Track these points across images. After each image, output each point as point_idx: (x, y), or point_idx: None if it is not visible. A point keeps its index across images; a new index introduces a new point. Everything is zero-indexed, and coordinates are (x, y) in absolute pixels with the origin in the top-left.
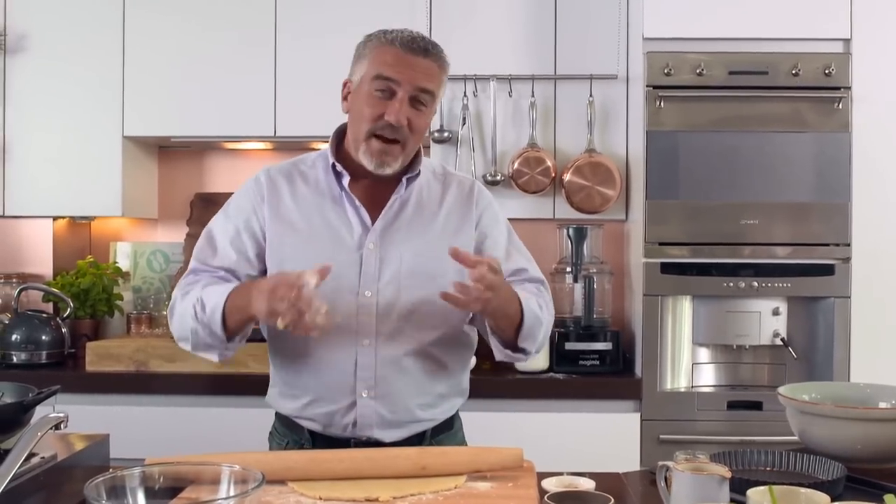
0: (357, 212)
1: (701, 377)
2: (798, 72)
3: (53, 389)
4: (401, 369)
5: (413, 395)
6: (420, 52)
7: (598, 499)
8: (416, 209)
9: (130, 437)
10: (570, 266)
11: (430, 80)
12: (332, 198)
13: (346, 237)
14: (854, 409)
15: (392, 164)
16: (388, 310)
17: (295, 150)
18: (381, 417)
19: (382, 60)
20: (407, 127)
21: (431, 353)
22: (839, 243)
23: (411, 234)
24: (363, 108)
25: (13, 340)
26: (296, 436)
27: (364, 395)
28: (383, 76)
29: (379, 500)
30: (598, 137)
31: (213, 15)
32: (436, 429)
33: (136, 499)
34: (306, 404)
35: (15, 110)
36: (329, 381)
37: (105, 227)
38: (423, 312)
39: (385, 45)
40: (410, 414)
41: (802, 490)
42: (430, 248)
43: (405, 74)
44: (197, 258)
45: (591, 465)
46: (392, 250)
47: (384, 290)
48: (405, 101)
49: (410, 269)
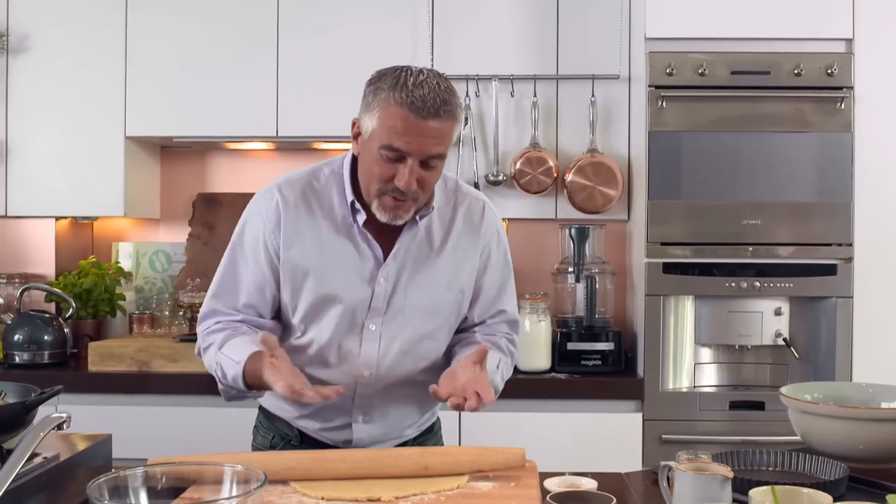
0: (370, 246)
1: (703, 377)
2: (800, 72)
3: (56, 389)
4: (396, 399)
5: (404, 417)
6: (431, 116)
7: (601, 499)
8: (427, 239)
9: (133, 437)
10: (572, 266)
11: (441, 144)
12: (346, 228)
13: (359, 270)
14: (856, 410)
15: (404, 216)
16: (391, 344)
17: (297, 150)
18: (372, 438)
19: (392, 127)
20: (418, 188)
21: (423, 381)
22: (841, 243)
23: (419, 269)
24: (373, 167)
25: (15, 340)
26: (284, 430)
27: (359, 420)
28: (392, 147)
29: (381, 499)
30: (600, 137)
31: (216, 15)
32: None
33: (139, 499)
34: (299, 417)
35: (17, 110)
36: (328, 405)
37: (107, 228)
38: (423, 347)
39: (392, 105)
40: (399, 433)
41: (805, 490)
42: (436, 284)
43: (414, 144)
44: (216, 296)
45: (593, 465)
46: (400, 285)
47: (388, 324)
48: (415, 167)
49: (415, 304)
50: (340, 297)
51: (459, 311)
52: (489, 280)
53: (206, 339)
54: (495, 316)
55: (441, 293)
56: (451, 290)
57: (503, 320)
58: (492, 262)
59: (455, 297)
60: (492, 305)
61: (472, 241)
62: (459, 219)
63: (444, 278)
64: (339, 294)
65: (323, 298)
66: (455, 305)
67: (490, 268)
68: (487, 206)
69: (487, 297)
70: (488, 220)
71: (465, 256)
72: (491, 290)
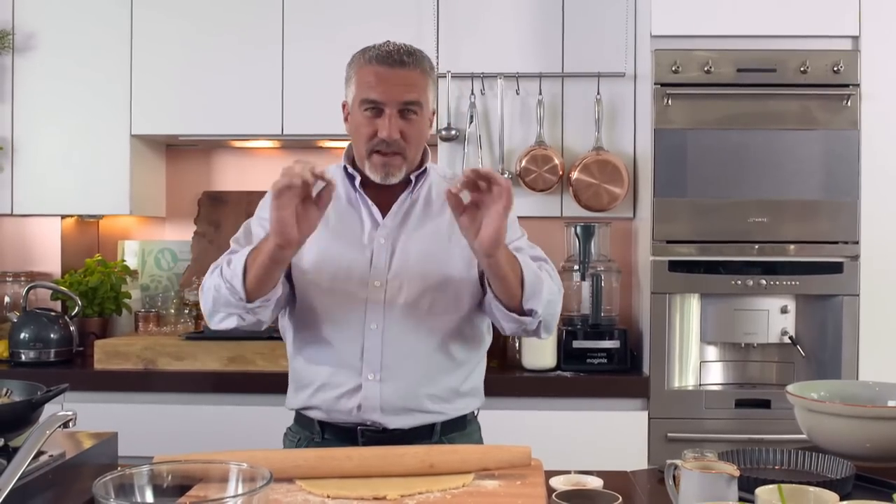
0: (369, 209)
1: (709, 375)
2: (806, 69)
3: (62, 388)
4: (407, 354)
5: (420, 382)
6: (397, 64)
7: (606, 497)
8: (425, 206)
9: (138, 435)
10: (577, 264)
11: (412, 91)
12: (348, 199)
13: (359, 233)
14: (863, 408)
15: (396, 173)
16: (396, 296)
17: (302, 148)
18: (385, 401)
19: (365, 83)
20: (401, 139)
21: (440, 343)
22: (848, 241)
23: (419, 229)
24: (359, 129)
25: (22, 339)
26: (307, 431)
27: (370, 377)
28: (368, 99)
29: (387, 498)
30: (605, 135)
31: (221, 13)
32: (447, 425)
33: (145, 497)
34: (314, 391)
35: (23, 109)
36: (336, 365)
37: (113, 226)
38: (431, 300)
39: (364, 65)
40: (417, 402)
41: (811, 488)
42: (437, 242)
43: (387, 93)
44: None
45: (598, 463)
46: (400, 244)
47: (393, 280)
48: (394, 117)
49: (418, 260)
50: (342, 257)
51: (469, 264)
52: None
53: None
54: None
55: (443, 244)
56: (454, 243)
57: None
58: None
59: (460, 250)
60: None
61: None
62: None
63: (445, 232)
64: (341, 255)
65: (327, 261)
66: (462, 258)
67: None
68: None
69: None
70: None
71: None
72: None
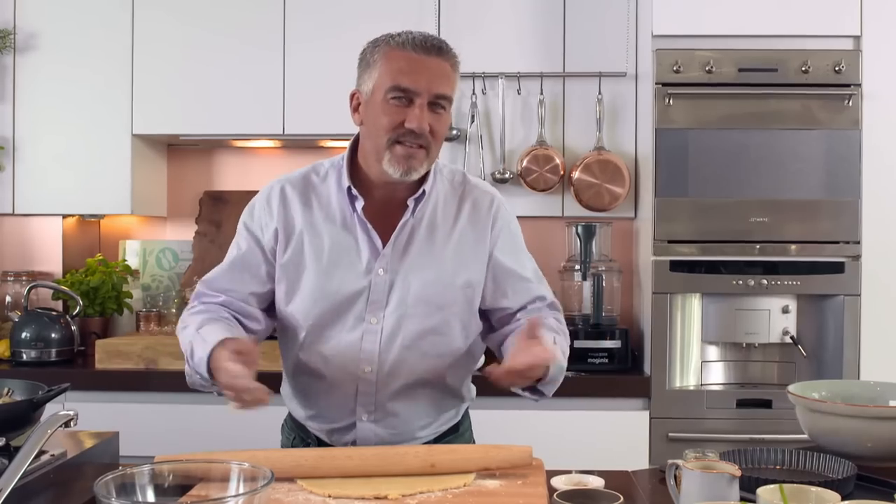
0: (368, 235)
1: (710, 375)
2: (808, 69)
3: (63, 387)
4: (402, 396)
5: (414, 418)
6: (434, 51)
7: (608, 497)
8: (429, 231)
9: (140, 434)
10: (578, 264)
11: (447, 84)
12: (344, 219)
13: (356, 262)
14: (864, 408)
15: (418, 168)
16: (392, 338)
17: (304, 148)
18: (380, 439)
19: (396, 68)
20: (429, 133)
21: (433, 379)
22: (849, 241)
23: (421, 261)
24: (380, 118)
25: (23, 338)
26: (303, 434)
27: (364, 418)
28: (400, 87)
29: (388, 497)
30: (606, 135)
31: (222, 13)
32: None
33: (146, 496)
34: (311, 416)
35: (24, 109)
36: (330, 402)
37: (114, 225)
38: (428, 342)
39: (395, 49)
40: (410, 434)
41: (813, 488)
42: (439, 277)
43: (422, 82)
44: (205, 280)
45: (600, 463)
46: (400, 276)
47: (389, 317)
48: (425, 108)
49: (417, 297)
50: (337, 290)
51: (470, 307)
52: (513, 266)
53: (186, 320)
54: (535, 303)
55: (446, 286)
56: (457, 283)
57: (543, 305)
58: (508, 252)
59: (462, 290)
60: (528, 292)
61: (480, 235)
62: (465, 212)
63: (448, 270)
64: (335, 287)
65: (320, 293)
66: (463, 299)
67: (508, 257)
68: (497, 200)
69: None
70: (496, 214)
71: (473, 250)
72: (519, 273)
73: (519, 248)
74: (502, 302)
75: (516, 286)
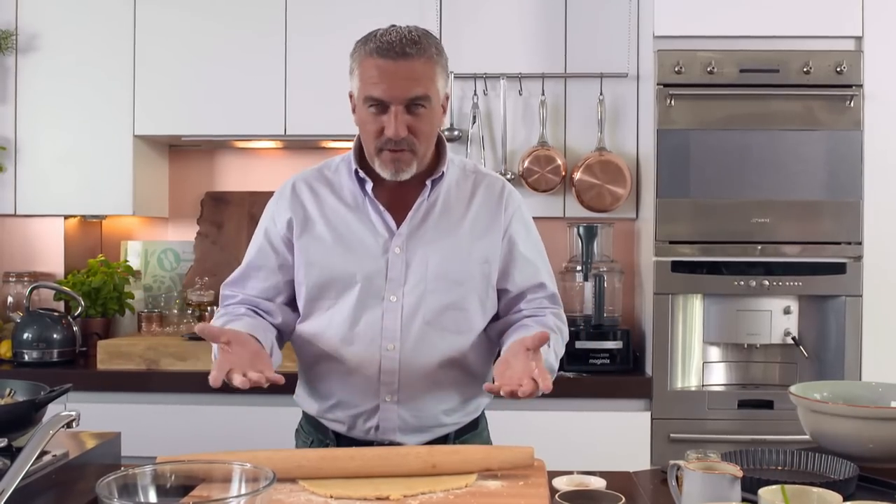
0: (381, 216)
1: (711, 376)
2: (809, 70)
3: (65, 388)
4: (425, 375)
5: (438, 400)
6: (400, 56)
7: (609, 498)
8: (443, 211)
9: (141, 435)
10: (580, 265)
11: (418, 85)
12: (357, 204)
13: (371, 242)
14: (866, 409)
15: (407, 169)
16: (413, 314)
17: (305, 148)
18: (403, 422)
19: (367, 78)
20: (410, 134)
21: (456, 358)
22: (851, 242)
23: (438, 238)
24: (365, 125)
25: (25, 339)
26: (321, 435)
27: (387, 399)
28: (372, 97)
29: (390, 498)
30: (608, 136)
31: (224, 14)
32: (461, 430)
33: (148, 497)
34: (331, 406)
35: (26, 109)
36: (353, 385)
37: (116, 226)
38: (448, 318)
39: (367, 57)
40: (435, 419)
41: (814, 489)
42: (456, 252)
43: (390, 90)
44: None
45: (601, 463)
46: (418, 254)
47: (409, 294)
48: (400, 113)
49: (436, 273)
50: (356, 271)
51: (487, 282)
52: (523, 248)
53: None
54: (537, 290)
55: (464, 262)
56: (474, 259)
57: (544, 296)
58: (518, 235)
59: (479, 266)
60: (532, 276)
61: (494, 214)
62: (480, 193)
63: (465, 246)
64: (354, 269)
65: (339, 276)
66: (480, 274)
67: (518, 239)
68: (507, 185)
69: (525, 263)
70: (509, 197)
71: (488, 228)
72: (527, 255)
73: (530, 230)
74: (506, 282)
75: (522, 267)
